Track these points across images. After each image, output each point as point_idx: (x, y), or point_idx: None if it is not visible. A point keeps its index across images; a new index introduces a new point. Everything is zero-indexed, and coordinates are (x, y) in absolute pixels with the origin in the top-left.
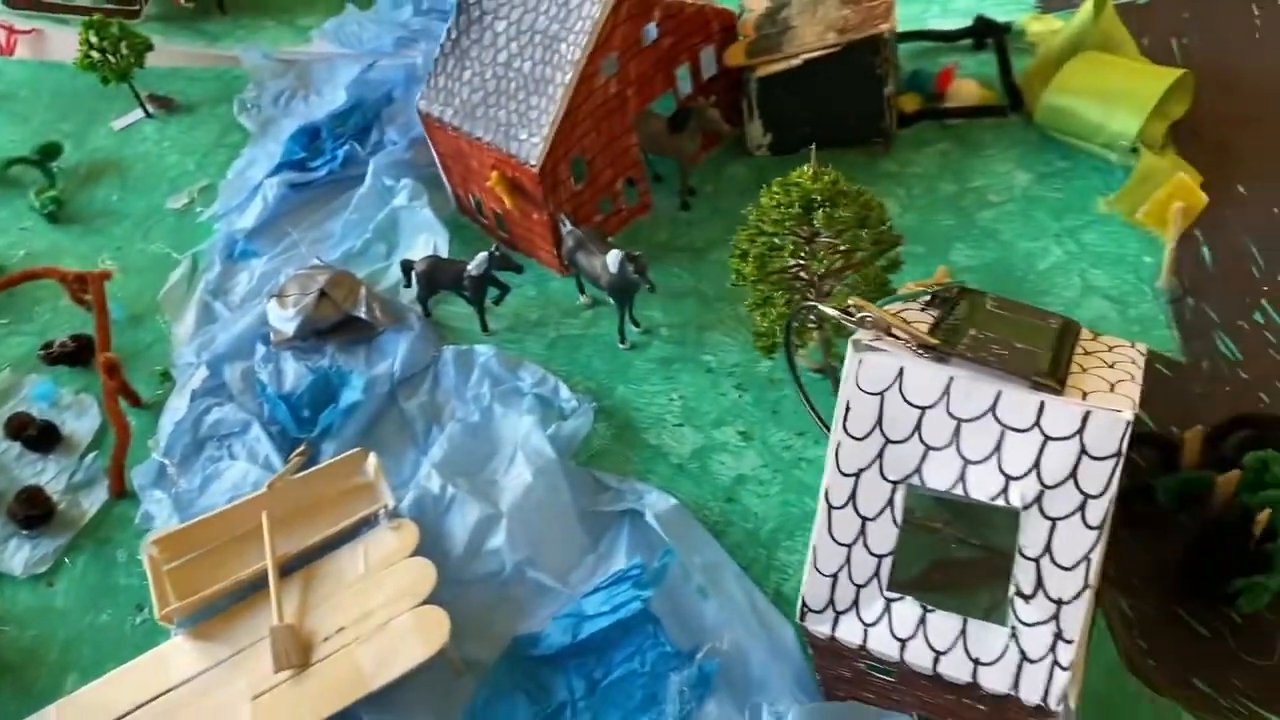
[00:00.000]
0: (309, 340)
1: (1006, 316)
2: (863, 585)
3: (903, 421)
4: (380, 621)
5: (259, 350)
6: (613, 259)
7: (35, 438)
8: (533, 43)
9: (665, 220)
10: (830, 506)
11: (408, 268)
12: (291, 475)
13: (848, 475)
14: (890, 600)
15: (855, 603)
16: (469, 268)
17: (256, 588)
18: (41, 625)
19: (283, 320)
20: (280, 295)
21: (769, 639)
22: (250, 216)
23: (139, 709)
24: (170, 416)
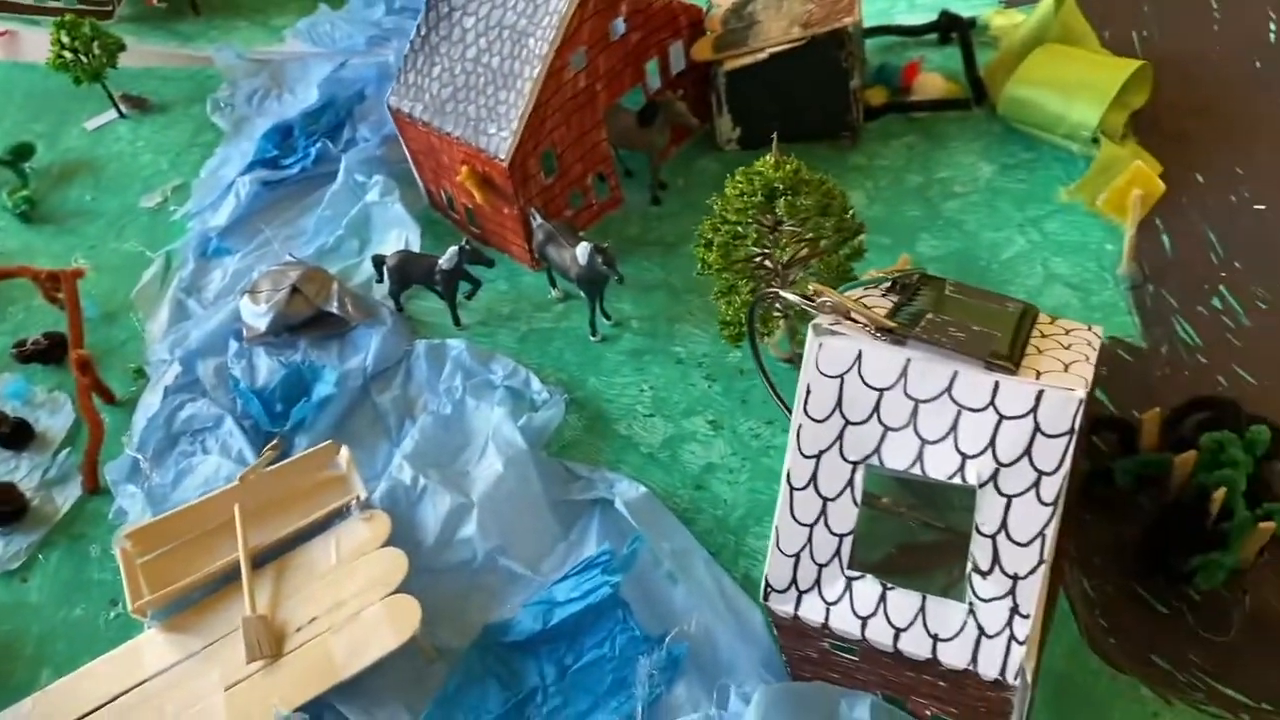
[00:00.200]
0: (282, 336)
1: (965, 301)
2: (824, 564)
3: (862, 403)
4: (352, 611)
5: (232, 346)
6: (581, 251)
7: (8, 435)
8: (501, 38)
9: (636, 214)
10: (792, 488)
11: (380, 263)
12: (263, 468)
13: (809, 457)
14: (851, 579)
15: (817, 582)
16: (440, 262)
17: (229, 580)
18: (15, 620)
19: (255, 316)
20: (253, 291)
21: (737, 622)
22: (223, 214)
23: (114, 701)
24: (144, 412)
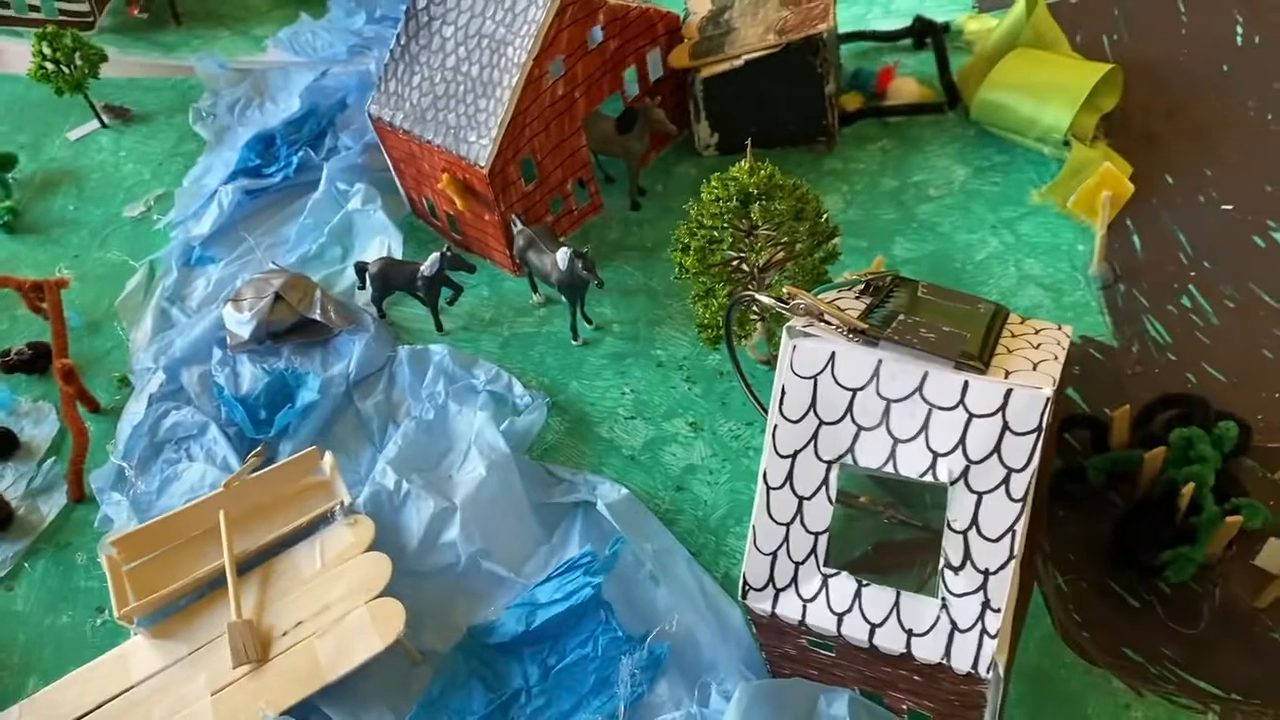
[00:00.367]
0: (265, 343)
1: (937, 302)
2: (801, 562)
3: (835, 403)
4: (337, 615)
5: (216, 354)
6: (562, 256)
7: None
8: (480, 47)
9: (616, 220)
10: (768, 487)
11: (362, 270)
12: (248, 475)
13: (784, 457)
14: (827, 576)
15: (794, 579)
16: (422, 269)
17: (215, 586)
18: (2, 629)
19: (239, 324)
20: (236, 300)
21: (718, 621)
22: (206, 223)
23: (101, 707)
24: (128, 421)
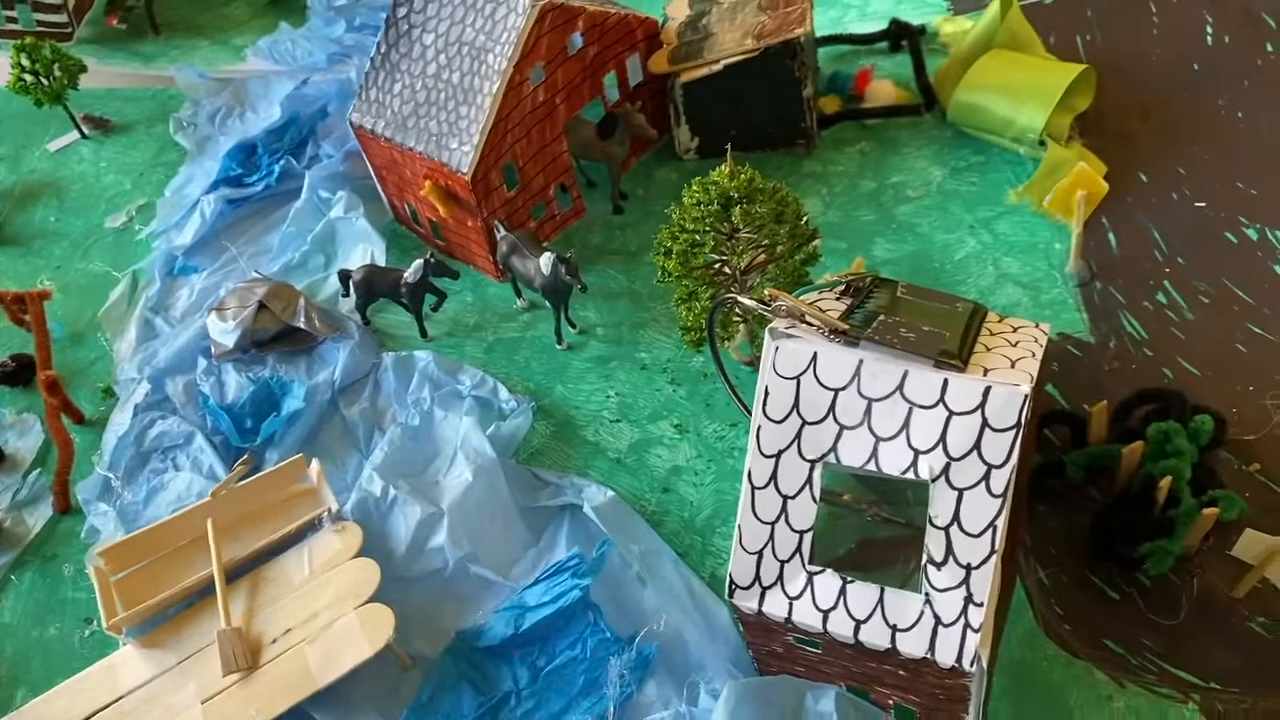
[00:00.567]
0: (250, 352)
1: (916, 302)
2: (786, 560)
3: (818, 403)
4: (327, 622)
5: (200, 363)
6: (545, 261)
7: None
8: (461, 54)
9: (599, 224)
10: (753, 487)
11: (345, 277)
12: (235, 484)
13: (769, 456)
14: (812, 574)
15: (780, 577)
16: (406, 275)
17: (204, 594)
18: None
19: (223, 333)
20: (220, 309)
21: (705, 621)
22: (189, 233)
23: (91, 718)
24: (114, 431)
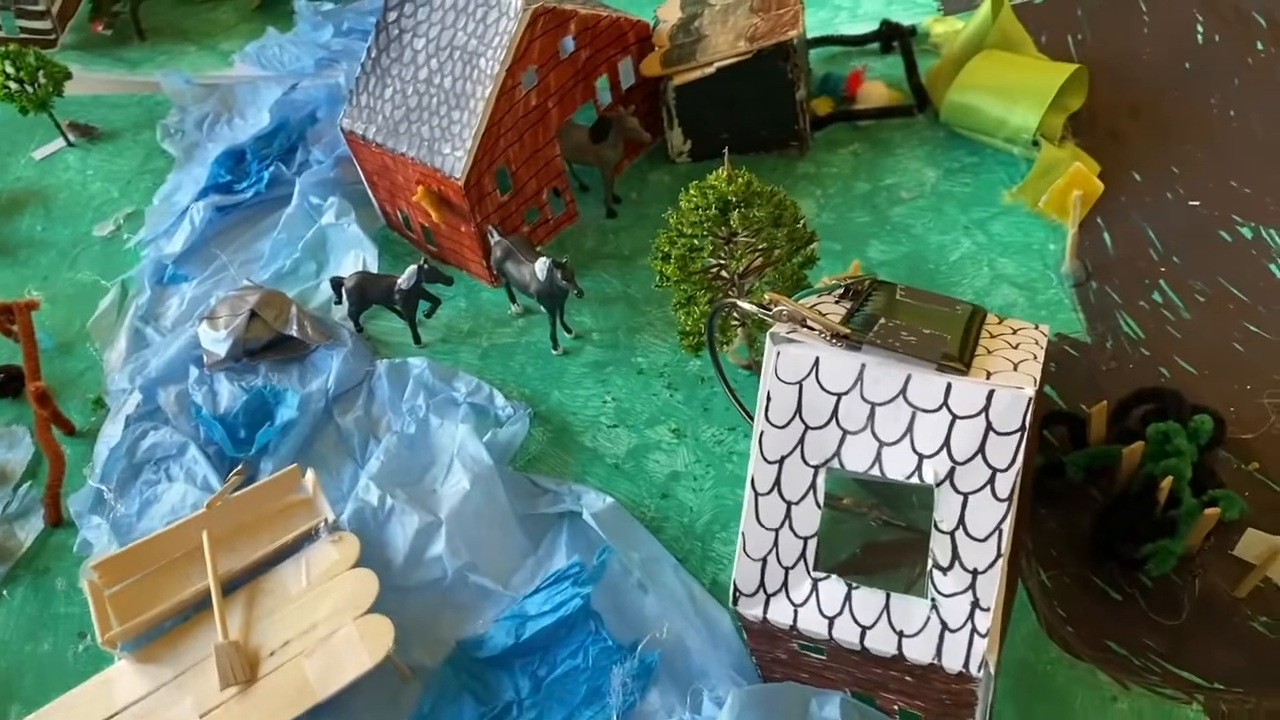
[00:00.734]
0: (242, 361)
1: (915, 305)
2: (791, 567)
3: (821, 408)
4: (325, 633)
5: (192, 373)
6: (540, 266)
7: None
8: (452, 59)
9: (592, 228)
10: (756, 493)
11: (338, 284)
12: (230, 494)
13: (772, 462)
14: (817, 580)
15: (784, 584)
16: (399, 282)
17: (200, 608)
18: None
19: (215, 342)
20: (211, 317)
21: (707, 628)
22: (178, 241)
23: None
24: (105, 443)
